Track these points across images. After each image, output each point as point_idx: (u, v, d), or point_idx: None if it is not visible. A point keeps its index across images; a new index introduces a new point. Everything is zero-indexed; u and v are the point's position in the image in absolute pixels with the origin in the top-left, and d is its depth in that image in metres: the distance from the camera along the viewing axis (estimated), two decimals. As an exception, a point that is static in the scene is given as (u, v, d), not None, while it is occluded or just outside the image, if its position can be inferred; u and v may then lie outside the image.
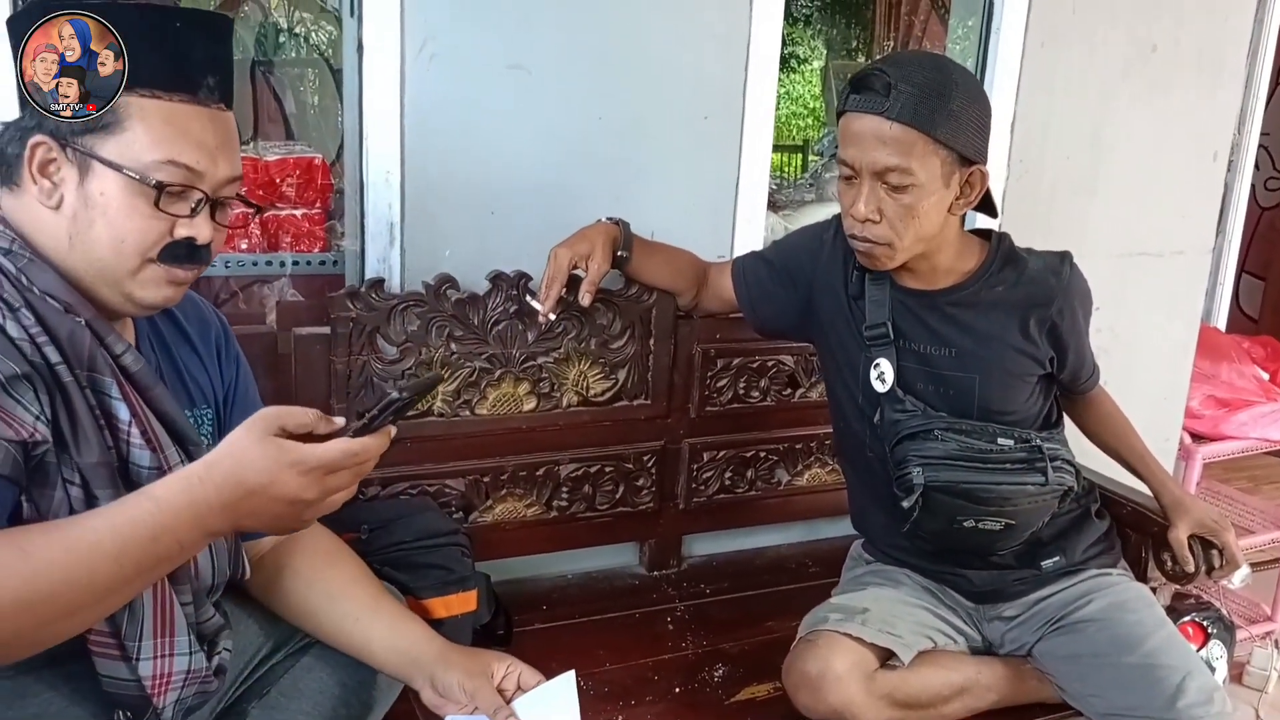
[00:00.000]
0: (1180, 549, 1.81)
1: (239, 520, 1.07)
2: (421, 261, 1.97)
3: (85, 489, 1.09)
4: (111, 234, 1.14)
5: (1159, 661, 1.62)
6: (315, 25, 4.17)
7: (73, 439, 1.09)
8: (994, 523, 1.67)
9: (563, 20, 2.00)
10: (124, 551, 1.00)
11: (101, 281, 1.16)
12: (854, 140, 1.60)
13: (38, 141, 1.12)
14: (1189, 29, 2.66)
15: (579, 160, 2.08)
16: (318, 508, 1.10)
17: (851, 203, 1.63)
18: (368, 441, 1.09)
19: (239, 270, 2.05)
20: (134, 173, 1.12)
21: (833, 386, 1.90)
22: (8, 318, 1.06)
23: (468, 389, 1.95)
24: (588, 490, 2.11)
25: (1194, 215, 2.86)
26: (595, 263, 1.86)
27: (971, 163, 1.62)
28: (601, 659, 1.90)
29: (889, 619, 1.72)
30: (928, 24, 5.85)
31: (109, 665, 1.13)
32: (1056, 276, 1.73)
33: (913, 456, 1.67)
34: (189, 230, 1.17)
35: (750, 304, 1.95)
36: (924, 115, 1.54)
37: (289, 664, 1.44)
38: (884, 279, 1.75)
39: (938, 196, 1.61)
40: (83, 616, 1.02)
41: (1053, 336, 1.74)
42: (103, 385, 1.13)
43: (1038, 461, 1.68)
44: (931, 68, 1.58)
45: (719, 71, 2.16)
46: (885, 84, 1.55)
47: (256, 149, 2.27)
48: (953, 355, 1.72)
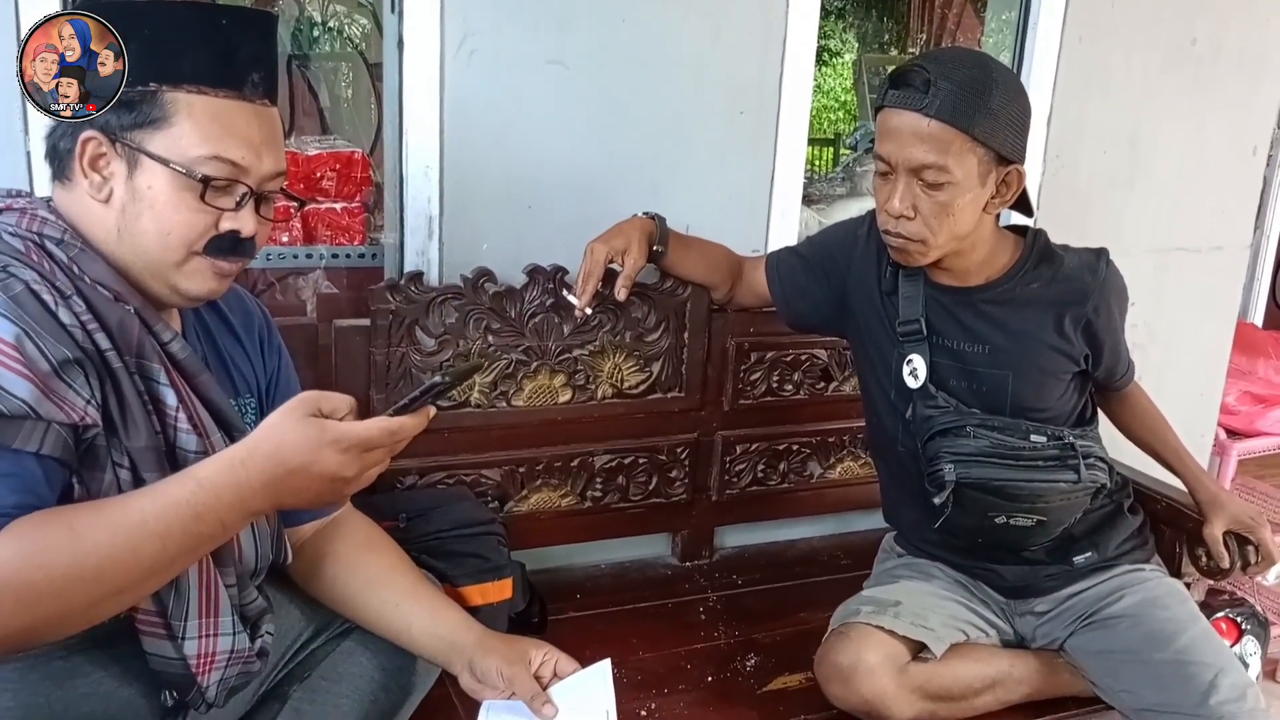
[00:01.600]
0: (1215, 545, 1.80)
1: (280, 499, 1.09)
2: (459, 255, 1.99)
3: (134, 472, 1.12)
4: (158, 226, 1.17)
5: (1191, 658, 1.62)
6: (349, 19, 4.19)
7: (122, 423, 1.12)
8: (1026, 519, 1.68)
9: (600, 16, 2.02)
10: (168, 531, 1.03)
11: (148, 273, 1.19)
12: (891, 136, 1.60)
13: (88, 136, 1.15)
14: (1229, 25, 2.64)
15: (615, 155, 2.09)
16: (356, 483, 1.12)
17: (886, 198, 1.64)
18: (405, 420, 1.12)
19: (279, 263, 2.08)
20: (181, 167, 1.15)
21: (865, 381, 1.91)
22: (60, 305, 1.09)
23: (504, 381, 1.97)
24: (621, 481, 2.13)
25: (1232, 211, 2.83)
26: (631, 257, 1.88)
27: (1009, 161, 1.61)
28: (635, 647, 1.92)
29: (921, 612, 1.72)
30: (962, 17, 5.81)
31: (155, 644, 1.16)
32: (1092, 274, 1.72)
33: (945, 453, 1.68)
34: (233, 223, 1.20)
35: (784, 298, 1.96)
36: (962, 113, 1.54)
37: (329, 648, 1.47)
38: (918, 275, 1.76)
39: (973, 195, 1.61)
40: (128, 594, 1.05)
41: (1088, 334, 1.73)
42: (151, 371, 1.16)
43: (1070, 459, 1.68)
44: (972, 65, 1.58)
45: (755, 67, 2.17)
46: (924, 80, 1.55)
47: (297, 143, 2.30)
48: (986, 352, 1.72)
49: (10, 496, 1.00)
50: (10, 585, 0.96)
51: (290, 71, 3.89)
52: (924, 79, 1.55)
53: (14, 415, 1.00)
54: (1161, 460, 1.92)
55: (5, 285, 1.04)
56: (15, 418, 1.01)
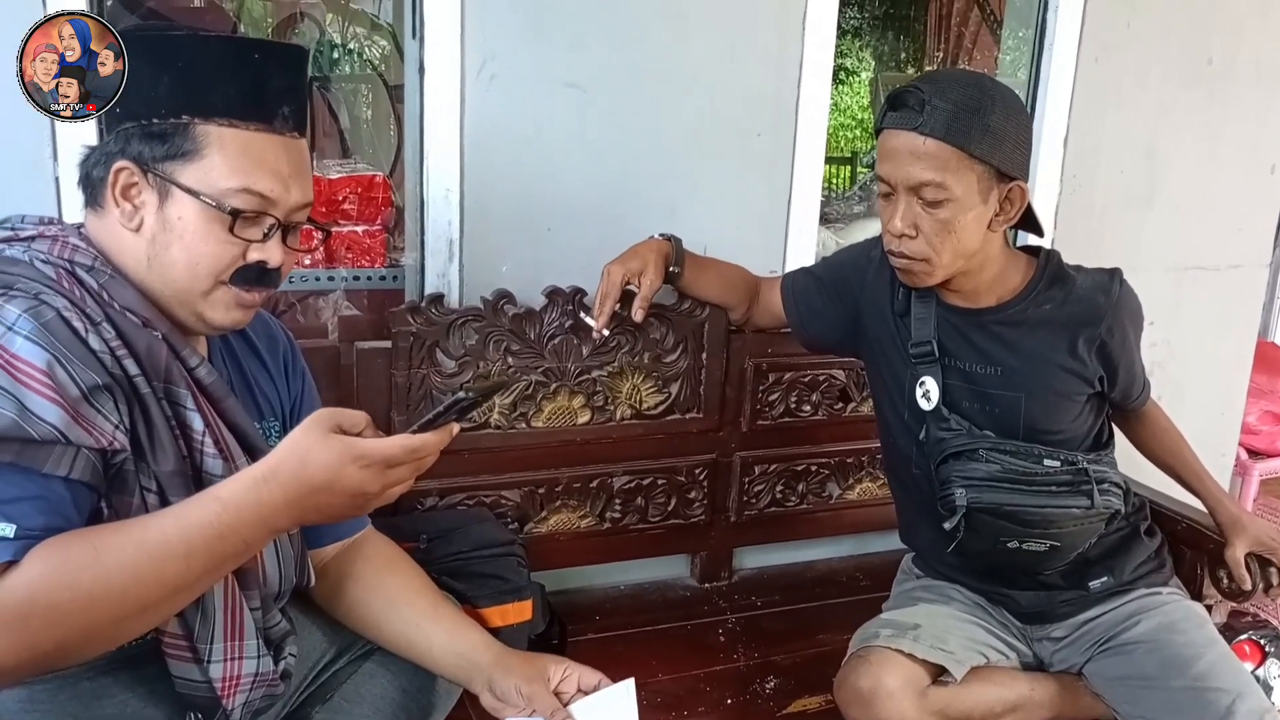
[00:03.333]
0: (1237, 567, 1.79)
1: (304, 516, 1.10)
2: (480, 277, 2.01)
3: (161, 496, 1.13)
4: (188, 257, 1.18)
5: (1209, 684, 1.61)
6: (369, 41, 4.23)
7: (150, 448, 1.13)
8: (1039, 544, 1.67)
9: (618, 40, 2.04)
10: (191, 551, 1.04)
11: (176, 301, 1.21)
12: (890, 156, 1.61)
13: (121, 166, 1.17)
14: (1246, 43, 2.64)
15: (634, 177, 2.11)
16: (379, 499, 1.13)
17: (889, 218, 1.65)
18: (429, 437, 1.12)
19: (301, 285, 2.10)
20: (210, 200, 1.16)
21: (880, 402, 1.91)
22: (90, 331, 1.10)
23: (524, 402, 1.98)
24: (640, 502, 2.13)
25: (1251, 229, 2.83)
26: (648, 279, 1.89)
27: (1010, 178, 1.62)
28: (654, 669, 1.92)
29: (941, 635, 1.72)
30: (978, 35, 5.82)
31: (182, 667, 1.17)
32: (1105, 295, 1.72)
33: (956, 477, 1.67)
34: (261, 254, 1.22)
35: (799, 319, 1.97)
36: (958, 130, 1.55)
37: (351, 670, 1.48)
38: (930, 297, 1.76)
39: (975, 212, 1.61)
40: (153, 613, 1.06)
41: (1102, 355, 1.73)
42: (178, 396, 1.18)
43: (1083, 484, 1.67)
44: (967, 84, 1.59)
45: (772, 88, 2.19)
46: (920, 101, 1.57)
47: (319, 166, 2.32)
48: (999, 374, 1.72)
49: (39, 519, 1.02)
50: (38, 605, 0.98)
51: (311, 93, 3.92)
52: (919, 99, 1.57)
53: (44, 440, 1.02)
54: (1181, 481, 1.90)
55: (37, 312, 1.06)
56: (45, 442, 1.02)
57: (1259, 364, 3.01)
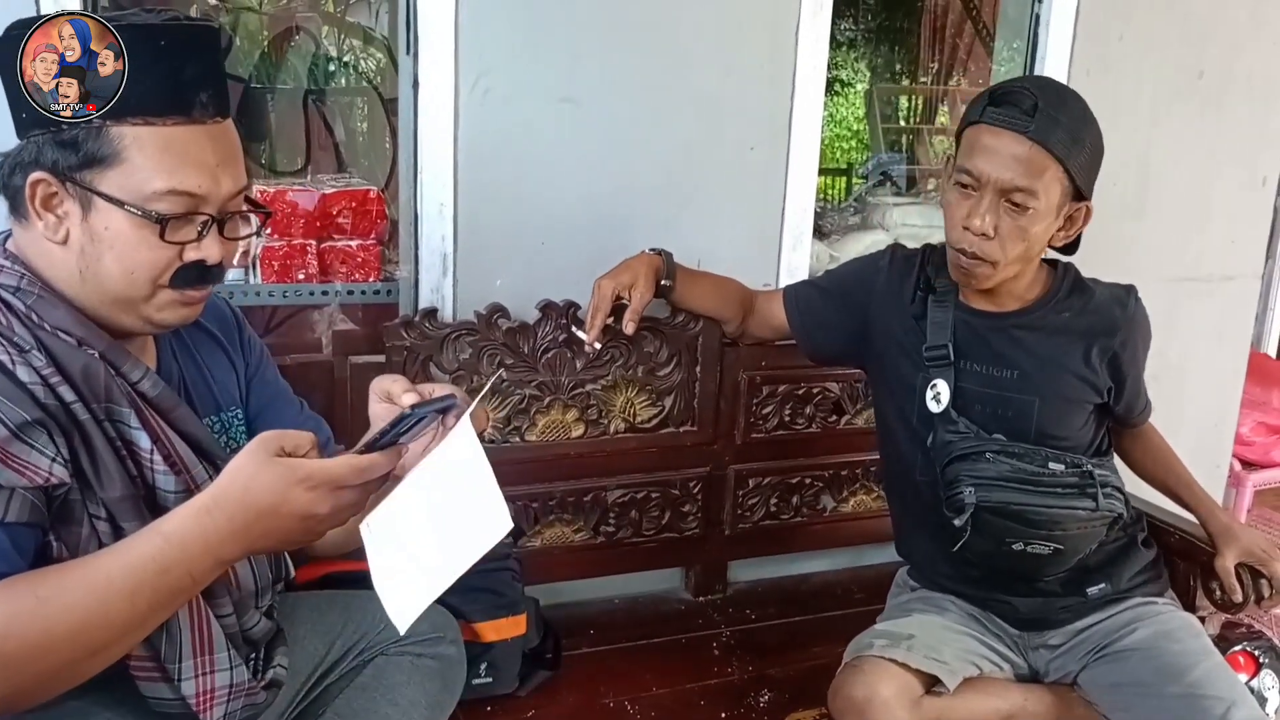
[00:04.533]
0: (1228, 577, 1.80)
1: (252, 544, 1.06)
2: (473, 291, 2.01)
3: (112, 523, 1.10)
4: (121, 266, 1.13)
5: (1204, 691, 1.61)
6: (364, 53, 4.24)
7: (95, 476, 1.10)
8: (1043, 547, 1.68)
9: (612, 55, 2.05)
10: (137, 588, 1.01)
11: (117, 309, 1.17)
12: (988, 153, 1.61)
13: (37, 179, 1.11)
14: (1237, 56, 2.66)
15: (628, 191, 2.12)
16: (328, 522, 1.08)
17: (968, 214, 1.65)
18: (375, 458, 1.08)
19: (295, 299, 2.10)
20: (136, 208, 1.11)
21: (884, 410, 1.91)
22: (18, 362, 1.06)
23: (518, 416, 1.98)
24: (634, 516, 2.13)
25: (1244, 241, 2.84)
26: (638, 292, 1.90)
27: (1083, 198, 1.65)
28: (648, 683, 1.92)
29: (935, 645, 1.72)
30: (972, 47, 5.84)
31: (151, 687, 1.15)
32: (1122, 308, 1.76)
33: (965, 476, 1.68)
34: (198, 254, 1.17)
35: (804, 331, 1.97)
36: (1062, 142, 1.58)
37: (343, 684, 1.48)
38: (948, 300, 1.78)
39: (1047, 224, 1.64)
40: (108, 653, 1.03)
41: (1113, 367, 1.76)
42: (121, 416, 1.14)
43: (1089, 487, 1.68)
44: (1073, 97, 1.63)
45: (765, 102, 2.20)
46: (1032, 104, 1.58)
47: (313, 181, 2.32)
48: (1014, 377, 1.74)
49: None
50: None
51: (307, 107, 3.93)
52: (1031, 102, 1.58)
53: None
54: (1173, 495, 1.92)
55: None
56: None
57: (1252, 375, 3.02)
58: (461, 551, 1.07)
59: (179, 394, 1.27)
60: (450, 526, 1.08)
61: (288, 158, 3.86)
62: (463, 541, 1.07)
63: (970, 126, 1.66)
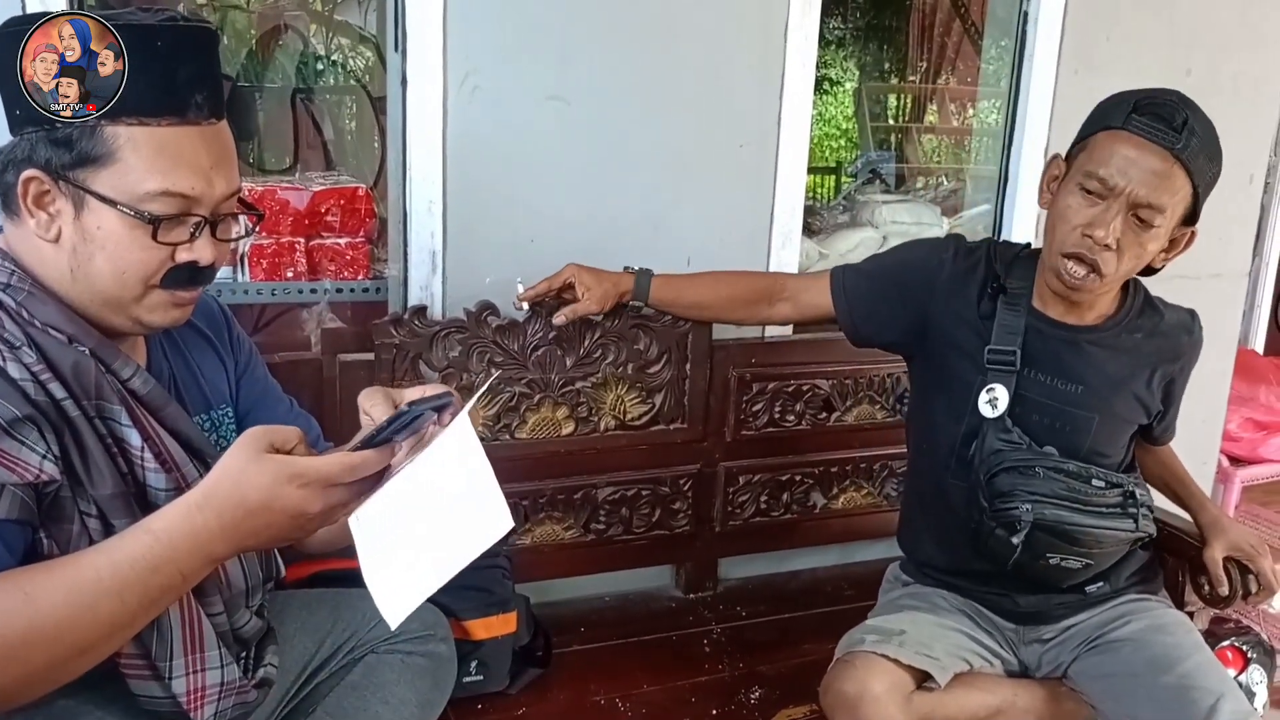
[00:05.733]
0: (1215, 568, 1.80)
1: (242, 541, 1.05)
2: (463, 288, 2.01)
3: (103, 520, 1.10)
4: (113, 266, 1.13)
5: (1193, 683, 1.62)
6: (353, 52, 4.23)
7: (85, 473, 1.10)
8: (1076, 561, 1.69)
9: (601, 52, 2.04)
10: (125, 587, 1.00)
11: (107, 309, 1.16)
12: (1126, 164, 1.57)
13: (30, 176, 1.11)
14: (1224, 55, 2.67)
15: (616, 188, 2.12)
16: (319, 520, 1.07)
17: (1090, 223, 1.60)
18: (368, 455, 1.07)
19: (284, 298, 2.09)
20: (128, 208, 1.11)
21: (927, 407, 1.87)
22: (8, 359, 1.06)
23: (507, 413, 1.98)
24: (625, 513, 2.13)
25: (1230, 238, 2.85)
26: (586, 302, 1.91)
27: (1192, 221, 1.64)
28: (639, 681, 1.92)
29: (926, 641, 1.72)
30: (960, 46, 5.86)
31: (142, 685, 1.15)
32: (1189, 334, 1.78)
33: (1020, 491, 1.66)
34: (190, 255, 1.17)
35: (851, 321, 1.91)
36: (1201, 165, 1.56)
37: (333, 682, 1.48)
38: (1020, 305, 1.74)
39: (1161, 243, 1.63)
40: (94, 652, 1.02)
41: (1167, 391, 1.78)
42: (111, 413, 1.13)
43: (1130, 508, 1.69)
44: (1207, 120, 1.59)
45: (754, 100, 2.20)
46: (1183, 120, 1.54)
47: (301, 179, 2.32)
48: (1078, 392, 1.72)
49: None
50: None
51: (295, 105, 3.92)
52: (1183, 118, 1.54)
53: None
54: (1167, 490, 1.94)
55: None
56: None
57: (1239, 372, 3.03)
58: (458, 548, 1.07)
59: (169, 392, 1.27)
60: (445, 522, 1.08)
61: (276, 157, 3.85)
62: (459, 538, 1.07)
63: (1106, 131, 1.61)
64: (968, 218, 2.88)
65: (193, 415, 1.30)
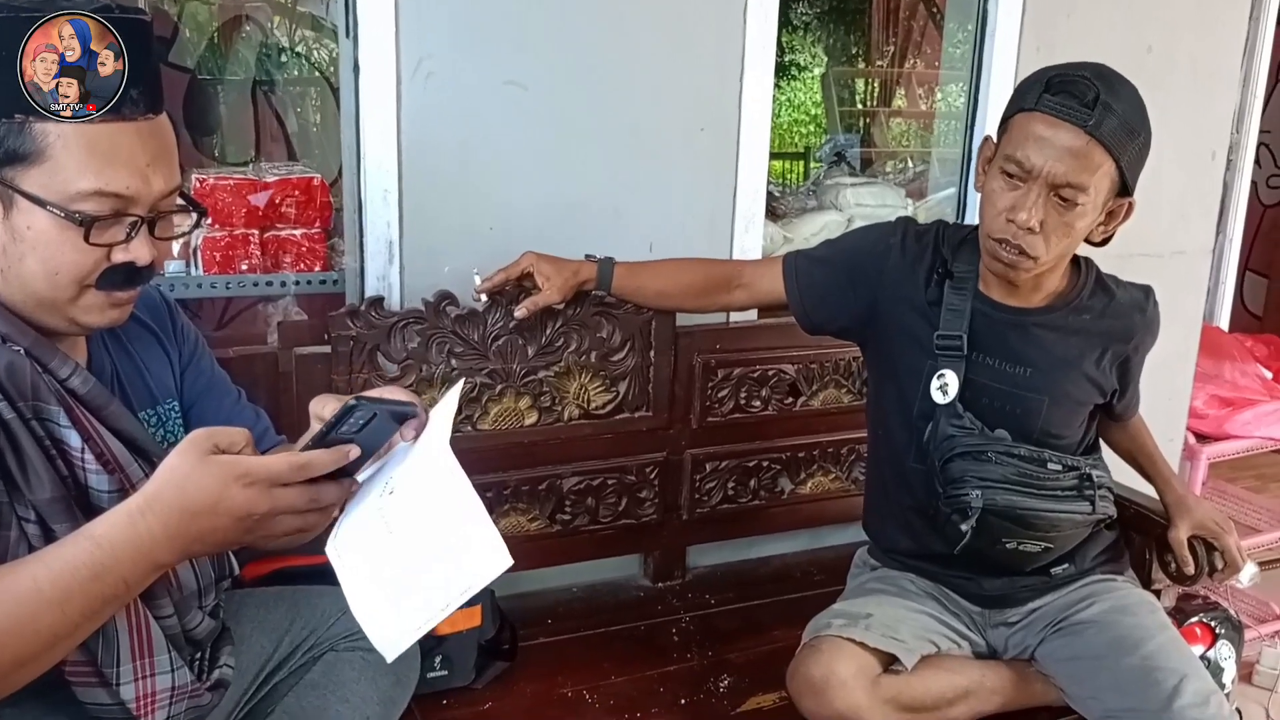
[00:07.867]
0: (1180, 549, 1.81)
1: (188, 546, 1.02)
2: (421, 278, 1.98)
3: (42, 525, 1.07)
4: (44, 268, 1.10)
5: (1157, 664, 1.62)
6: (316, 43, 4.18)
7: (22, 478, 1.06)
8: (1035, 545, 1.68)
9: (558, 37, 2.01)
10: (67, 596, 0.97)
11: (41, 309, 1.13)
12: (1040, 145, 1.55)
13: None
14: (1182, 33, 2.67)
15: (576, 174, 2.09)
16: (269, 525, 1.04)
17: (1013, 206, 1.58)
18: (317, 454, 1.05)
19: (240, 291, 2.06)
20: (59, 209, 1.07)
21: (882, 394, 1.87)
22: None
23: (469, 404, 1.96)
24: (590, 503, 2.11)
25: (1193, 215, 2.86)
26: (546, 292, 1.88)
27: (1128, 192, 1.62)
28: (607, 671, 1.91)
29: (892, 624, 1.72)
30: (925, 29, 5.86)
31: (89, 692, 1.12)
32: (1141, 313, 1.76)
33: (971, 477, 1.65)
34: (126, 255, 1.13)
35: (803, 308, 1.90)
36: (1120, 139, 1.53)
37: (292, 681, 1.46)
38: (966, 289, 1.73)
39: (1091, 219, 1.60)
40: (36, 664, 0.99)
41: (1122, 370, 1.77)
42: (49, 414, 1.10)
43: (1087, 490, 1.69)
44: (1129, 88, 1.57)
45: (714, 84, 2.17)
46: (1094, 97, 1.52)
47: (256, 170, 2.28)
48: (1027, 375, 1.71)
49: None
50: None
51: (256, 97, 3.88)
52: (1094, 94, 1.52)
53: None
54: (1136, 465, 1.94)
55: None
56: None
57: (1204, 349, 3.04)
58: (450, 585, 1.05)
59: (112, 389, 1.24)
60: (431, 557, 1.06)
61: (238, 149, 3.81)
62: (450, 574, 1.05)
63: (1021, 113, 1.58)
64: (934, 200, 2.87)
65: (138, 412, 1.27)
